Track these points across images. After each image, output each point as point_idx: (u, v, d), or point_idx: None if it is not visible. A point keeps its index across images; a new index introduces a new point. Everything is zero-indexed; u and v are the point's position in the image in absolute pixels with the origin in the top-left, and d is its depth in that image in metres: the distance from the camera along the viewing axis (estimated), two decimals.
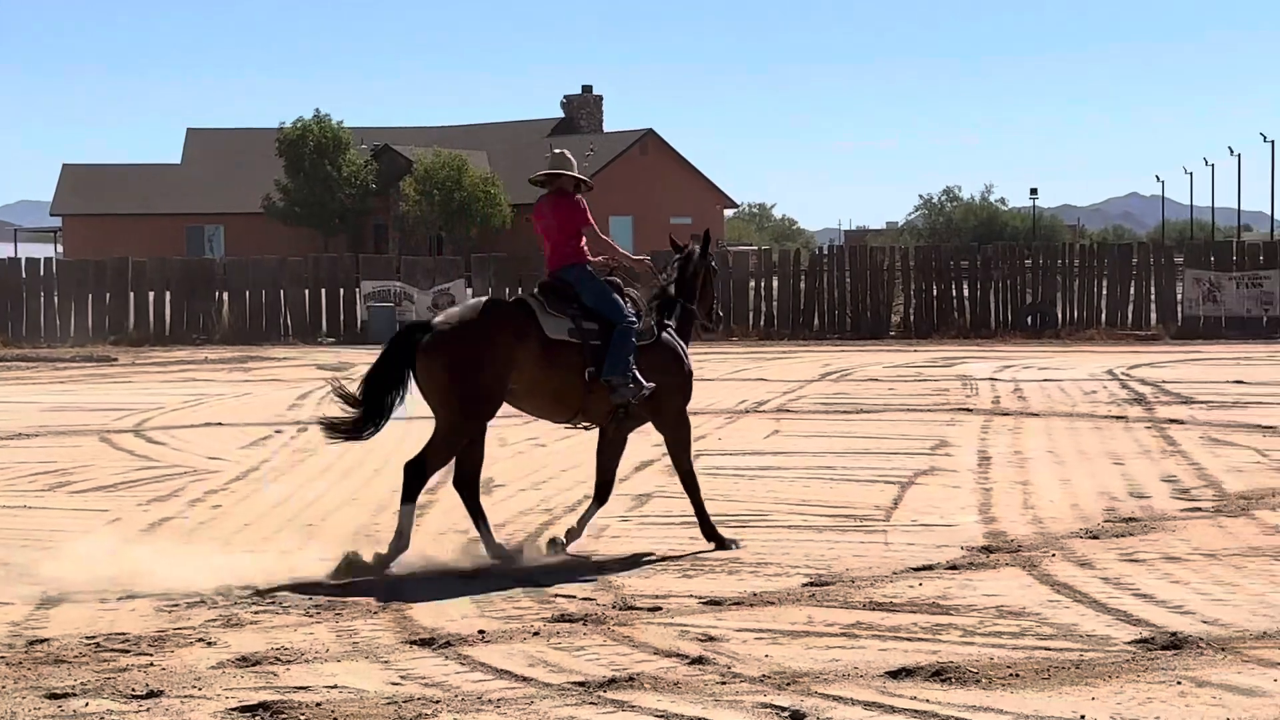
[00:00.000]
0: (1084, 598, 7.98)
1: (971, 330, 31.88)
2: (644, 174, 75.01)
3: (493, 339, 9.23)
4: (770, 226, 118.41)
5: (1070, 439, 14.72)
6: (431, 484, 12.46)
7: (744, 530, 10.20)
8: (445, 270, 34.88)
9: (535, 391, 9.55)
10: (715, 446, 14.68)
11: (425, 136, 77.52)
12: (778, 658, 6.90)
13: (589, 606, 7.99)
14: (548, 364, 9.40)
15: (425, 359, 9.22)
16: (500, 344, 9.23)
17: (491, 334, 9.24)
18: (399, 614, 7.90)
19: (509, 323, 9.35)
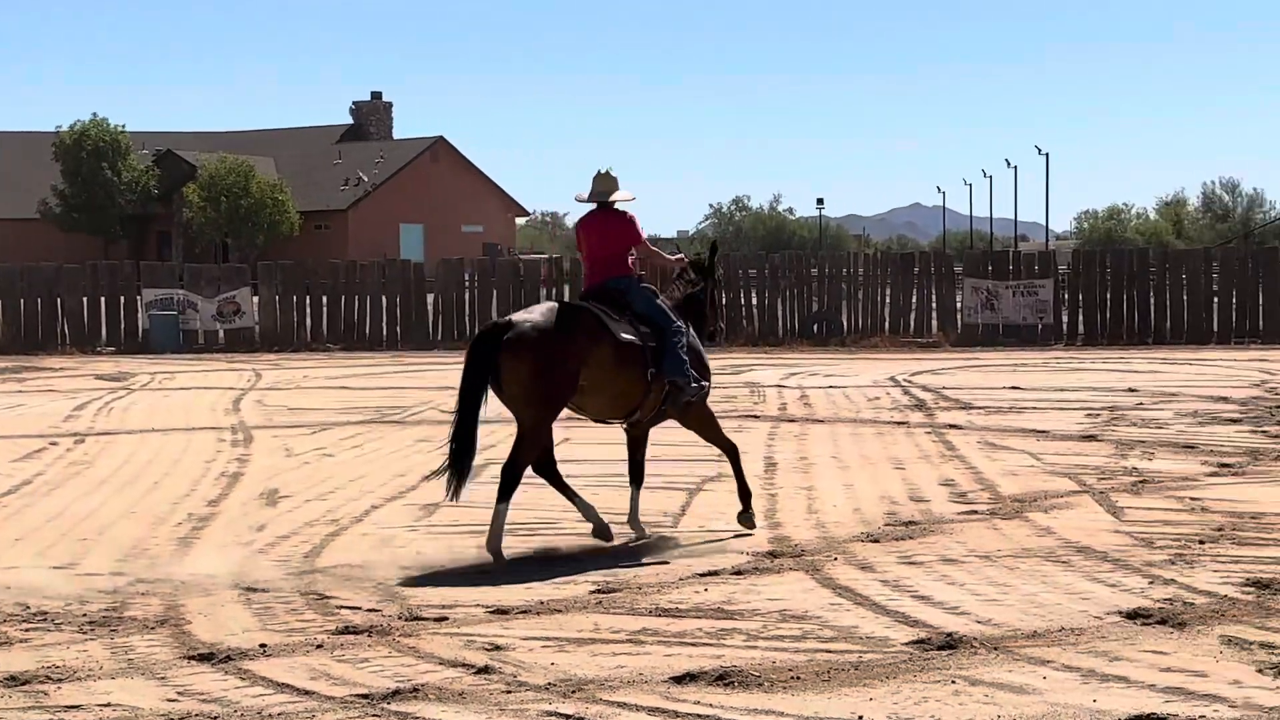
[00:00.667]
0: (864, 600, 8.15)
1: (760, 338, 32.31)
2: (435, 182, 74.66)
3: (575, 338, 9.79)
4: (563, 235, 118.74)
5: (854, 445, 15.03)
6: (213, 495, 12.27)
7: (533, 539, 10.20)
8: (231, 278, 34.26)
9: (602, 389, 10.09)
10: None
11: (210, 142, 76.14)
12: (563, 665, 6.91)
13: (374, 618, 7.91)
14: (618, 364, 10.00)
15: (513, 358, 9.70)
16: (580, 343, 9.80)
17: (574, 333, 9.80)
18: (177, 629, 7.72)
19: (586, 324, 9.93)
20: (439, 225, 72.80)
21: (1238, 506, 10.90)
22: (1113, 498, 11.40)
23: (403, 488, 12.58)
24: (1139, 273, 31.56)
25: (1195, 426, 15.88)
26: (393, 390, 22.55)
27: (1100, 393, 19.83)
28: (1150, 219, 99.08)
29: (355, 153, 76.12)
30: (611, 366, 9.96)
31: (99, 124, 69.35)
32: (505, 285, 33.50)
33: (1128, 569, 8.83)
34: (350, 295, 33.54)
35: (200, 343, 33.09)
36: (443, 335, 33.29)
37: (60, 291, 33.22)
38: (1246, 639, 7.12)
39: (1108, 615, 7.67)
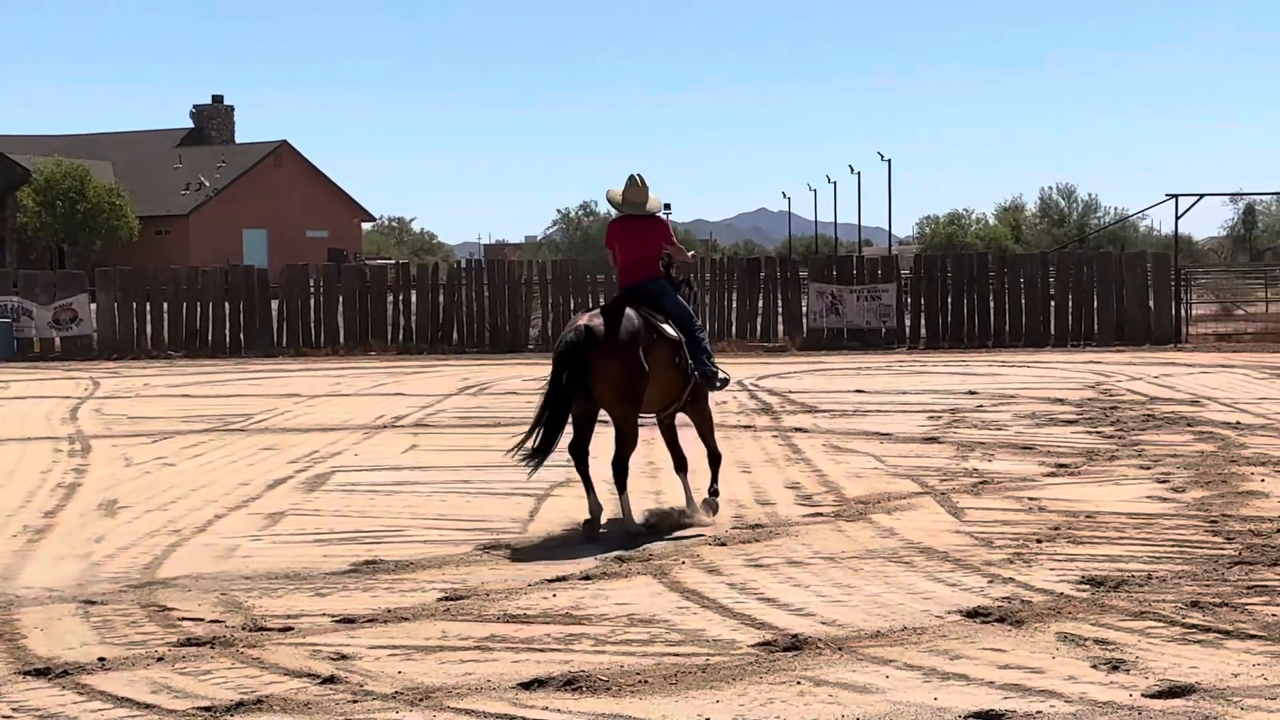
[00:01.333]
0: (711, 603, 8.21)
1: None
2: (278, 186, 73.78)
3: (645, 338, 10.68)
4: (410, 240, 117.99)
5: (701, 449, 15.10)
6: (50, 506, 11.99)
7: (379, 547, 10.12)
8: (67, 284, 33.53)
9: (659, 382, 10.90)
10: (352, 462, 14.53)
11: (45, 145, 74.41)
12: (411, 674, 6.86)
13: (217, 629, 7.79)
14: (670, 360, 10.93)
15: (605, 362, 10.51)
16: (648, 343, 10.72)
17: (646, 333, 10.70)
18: (12, 643, 7.54)
19: (647, 325, 10.78)
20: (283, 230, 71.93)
21: (1074, 506, 11.17)
22: (954, 499, 11.62)
23: (246, 497, 12.41)
24: (979, 277, 32.21)
25: (1033, 428, 16.24)
26: (236, 398, 22.24)
27: (942, 395, 20.19)
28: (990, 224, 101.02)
29: (196, 157, 74.92)
30: (667, 362, 10.90)
31: None
32: (351, 291, 33.19)
33: (968, 569, 9.00)
34: (192, 302, 33.01)
35: (35, 351, 32.34)
36: (287, 342, 32.91)
37: None
38: (1082, 635, 7.30)
39: (949, 614, 7.81)
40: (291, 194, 73.45)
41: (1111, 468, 13.21)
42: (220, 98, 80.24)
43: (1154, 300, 31.67)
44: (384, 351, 32.25)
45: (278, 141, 76.17)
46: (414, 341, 32.88)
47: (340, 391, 23.11)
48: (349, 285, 33.45)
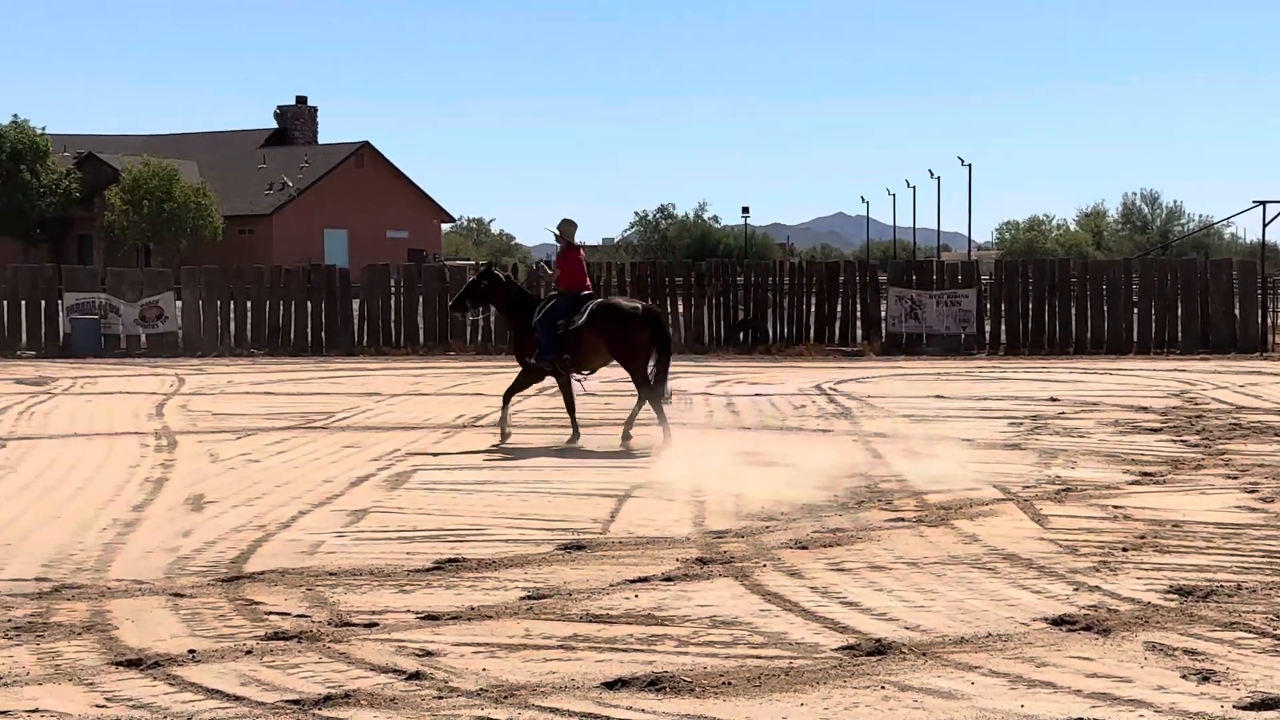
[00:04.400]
0: (794, 606, 8.20)
1: (685, 346, 32.39)
2: (360, 187, 74.32)
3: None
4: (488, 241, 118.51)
5: (781, 452, 15.09)
6: (138, 501, 12.16)
7: (461, 545, 10.18)
8: (153, 282, 33.93)
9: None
10: (433, 461, 14.62)
11: (133, 145, 75.43)
12: (495, 671, 6.91)
13: (304, 624, 7.87)
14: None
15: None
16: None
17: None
18: (104, 635, 7.66)
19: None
20: (364, 230, 72.47)
21: (1160, 514, 11.06)
22: (1037, 505, 11.54)
23: (330, 494, 12.52)
24: (1060, 283, 31.94)
25: (1116, 435, 16.10)
26: (318, 396, 22.43)
27: (1023, 402, 20.05)
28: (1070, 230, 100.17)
29: (280, 157, 75.63)
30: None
31: (19, 126, 68.51)
32: (431, 291, 33.39)
33: (1053, 576, 8.94)
34: (275, 301, 33.32)
35: (122, 347, 32.76)
36: (368, 341, 33.15)
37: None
38: (1171, 645, 7.23)
39: (1034, 622, 7.77)
40: (372, 194, 73.97)
41: (1197, 476, 13.07)
42: (304, 99, 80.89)
43: (1239, 308, 31.29)
44: (463, 351, 32.42)
45: (360, 142, 76.74)
46: (493, 342, 33.00)
47: (420, 391, 23.26)
48: (429, 285, 33.66)
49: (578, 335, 16.27)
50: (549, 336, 16.33)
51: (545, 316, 16.45)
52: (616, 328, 16.18)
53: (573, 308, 16.38)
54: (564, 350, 16.37)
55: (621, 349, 16.25)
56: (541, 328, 16.42)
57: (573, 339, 16.32)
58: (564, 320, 16.32)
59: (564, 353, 16.39)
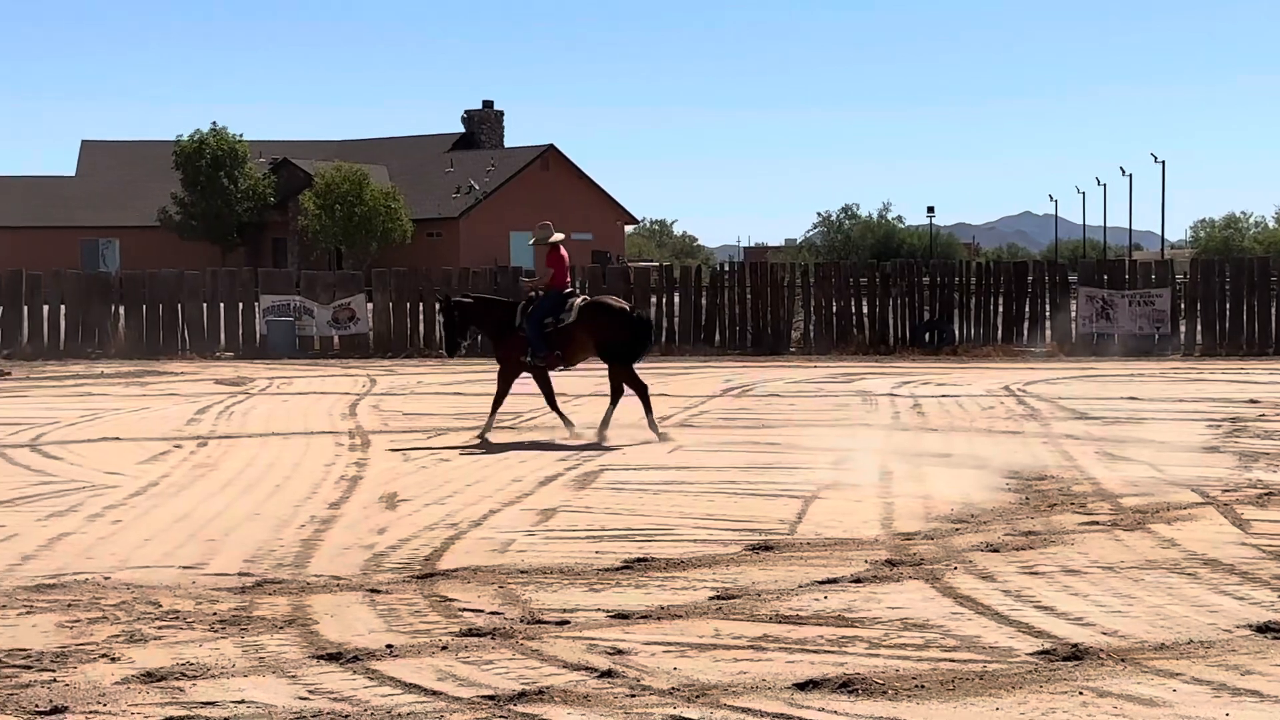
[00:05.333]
0: (986, 610, 8.10)
1: (870, 346, 32.18)
2: (545, 189, 75.08)
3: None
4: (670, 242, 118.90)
5: (970, 453, 14.91)
6: (334, 498, 12.43)
7: (650, 544, 10.24)
8: (345, 285, 34.66)
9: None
10: (619, 461, 14.73)
11: (325, 150, 77.15)
12: (686, 670, 6.94)
13: (496, 620, 7.99)
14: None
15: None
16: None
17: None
18: (305, 629, 7.85)
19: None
20: None
21: None
22: (1238, 510, 11.24)
23: (519, 493, 12.68)
24: (1259, 282, 31.04)
25: None
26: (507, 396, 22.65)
27: (1221, 404, 19.53)
28: (1270, 228, 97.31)
29: (467, 161, 76.76)
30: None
31: (218, 133, 70.50)
32: (615, 292, 33.56)
33: (1256, 582, 8.70)
34: None
35: (316, 348, 33.53)
36: None
37: (181, 298, 33.80)
38: None
39: (1237, 628, 7.57)
40: (557, 197, 74.68)
41: None
42: (490, 103, 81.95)
43: None
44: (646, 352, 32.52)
45: (545, 145, 77.54)
46: (676, 343, 33.13)
47: (603, 392, 23.37)
48: (613, 287, 33.85)
49: (568, 332, 17.00)
50: (538, 335, 16.91)
51: (533, 316, 16.98)
52: (606, 326, 17.03)
53: (558, 305, 17.03)
54: (554, 347, 17.03)
55: (609, 346, 17.04)
56: (530, 327, 16.97)
57: (563, 336, 17.03)
58: (551, 319, 16.94)
59: (555, 349, 17.06)
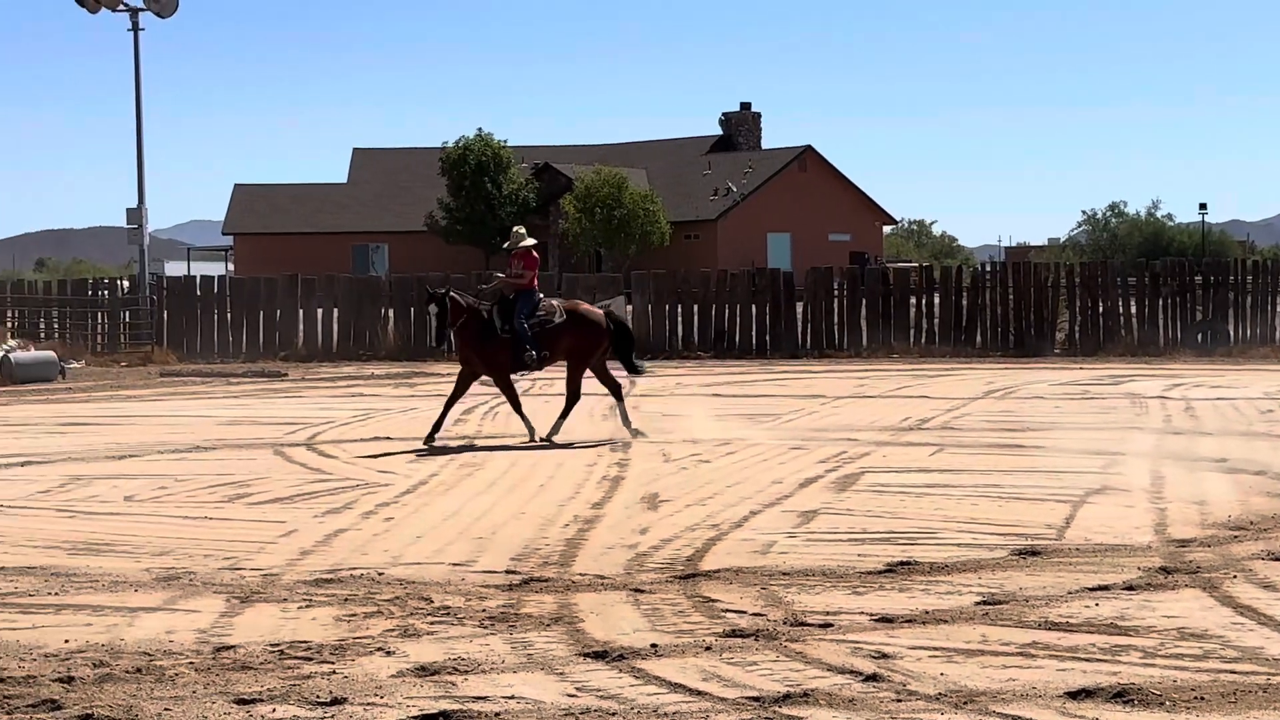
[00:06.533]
0: (1269, 620, 7.80)
1: (1139, 348, 31.30)
2: (802, 191, 74.84)
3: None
4: (929, 243, 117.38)
5: (1246, 459, 14.38)
6: (597, 499, 12.60)
7: (913, 548, 10.12)
8: (605, 287, 35.07)
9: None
10: (880, 463, 14.60)
11: (585, 154, 78.23)
12: (953, 676, 6.84)
13: (760, 622, 7.99)
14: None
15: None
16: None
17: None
18: (571, 627, 7.97)
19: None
20: (806, 234, 72.97)
21: None
22: None
23: (779, 494, 12.66)
24: None
25: None
26: (763, 398, 22.72)
27: None
28: None
29: (724, 163, 77.02)
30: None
31: (483, 140, 72.10)
32: (874, 293, 33.34)
33: None
34: (720, 304, 33.93)
35: None
36: (811, 344, 33.35)
37: None
38: None
39: None
40: (815, 198, 74.42)
41: None
42: (748, 105, 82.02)
43: None
44: (906, 354, 32.22)
45: (802, 146, 77.31)
46: (936, 344, 32.70)
47: (864, 393, 23.26)
48: (872, 288, 33.62)
49: (556, 334, 17.25)
50: (527, 336, 17.06)
51: (518, 318, 17.13)
52: (590, 332, 17.40)
53: (536, 307, 17.31)
54: (540, 348, 17.17)
55: (590, 352, 17.45)
56: (520, 328, 17.08)
57: (549, 338, 17.25)
58: (535, 321, 17.16)
59: (543, 350, 17.20)
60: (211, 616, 8.27)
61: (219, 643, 7.64)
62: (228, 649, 7.49)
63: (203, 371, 30.33)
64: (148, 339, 34.19)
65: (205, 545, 10.55)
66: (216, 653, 7.42)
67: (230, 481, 13.86)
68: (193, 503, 12.68)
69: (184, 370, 30.81)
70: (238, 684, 6.83)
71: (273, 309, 34.33)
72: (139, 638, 7.78)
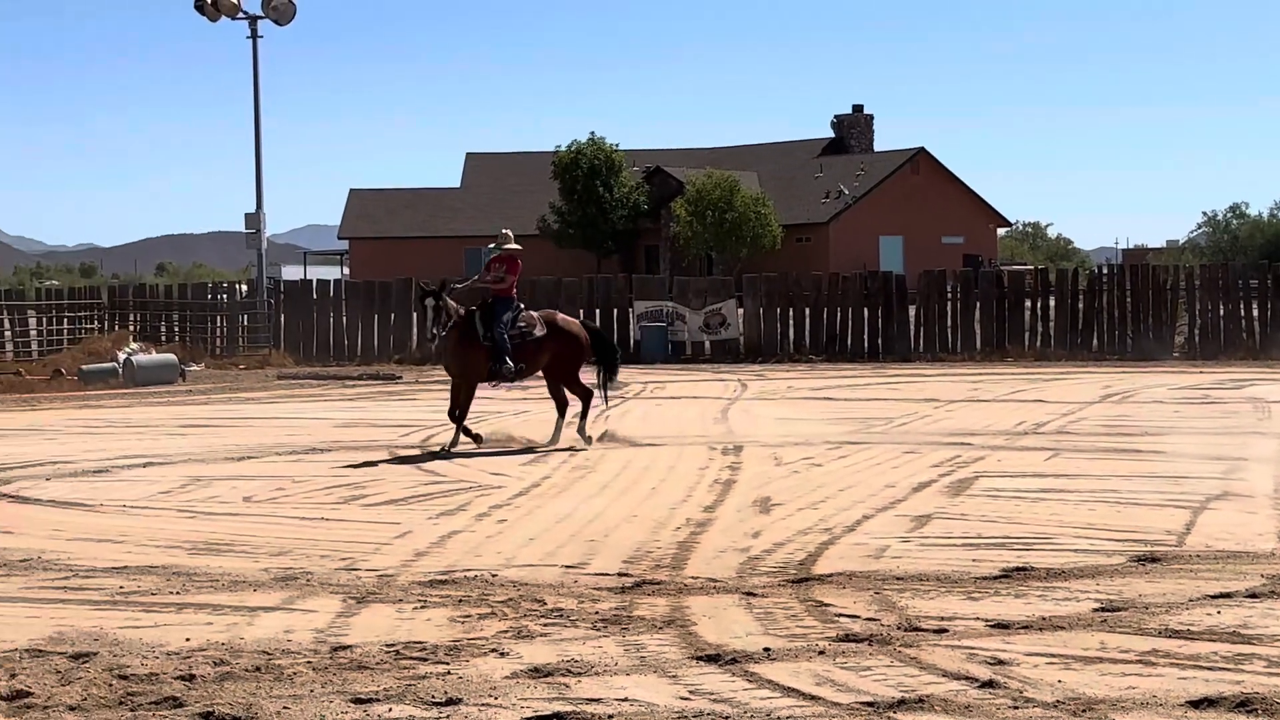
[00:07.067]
0: None
1: (1260, 351, 30.71)
2: (915, 193, 74.29)
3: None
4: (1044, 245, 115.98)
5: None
6: (708, 502, 12.59)
7: (1028, 553, 10.01)
8: (716, 290, 35.07)
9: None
10: (995, 468, 14.45)
11: (695, 158, 78.24)
12: (1071, 684, 6.74)
13: (873, 627, 7.94)
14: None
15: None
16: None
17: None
18: (683, 630, 7.97)
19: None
20: (918, 236, 72.41)
21: None
22: None
23: (892, 499, 12.58)
24: None
25: None
26: (875, 402, 22.58)
27: None
28: None
29: (836, 166, 76.63)
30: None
31: (595, 143, 72.33)
32: (988, 297, 33.01)
33: None
34: (832, 307, 33.79)
35: (687, 353, 34.05)
36: (924, 347, 33.10)
37: (559, 304, 34.76)
38: None
39: None
40: (928, 200, 73.81)
41: None
42: (860, 107, 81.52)
43: None
44: (1020, 358, 31.88)
45: (915, 148, 76.71)
46: (1051, 347, 32.33)
47: (978, 397, 23.04)
48: (986, 291, 33.30)
49: (536, 347, 16.88)
50: (507, 348, 16.62)
51: (498, 327, 16.65)
52: (571, 343, 17.14)
53: (515, 317, 16.87)
54: (518, 360, 16.73)
55: (572, 362, 17.15)
56: (500, 338, 16.62)
57: (529, 351, 16.86)
58: (515, 333, 16.74)
59: (520, 362, 16.76)
60: (328, 616, 8.37)
61: (336, 642, 7.73)
62: (345, 649, 7.58)
63: (319, 374, 30.74)
64: (265, 342, 34.71)
65: (322, 546, 10.69)
66: (334, 652, 7.51)
67: (346, 483, 14.02)
68: (310, 504, 12.85)
69: (300, 373, 31.24)
70: (354, 683, 6.91)
71: (387, 312, 34.70)
72: (258, 637, 7.89)
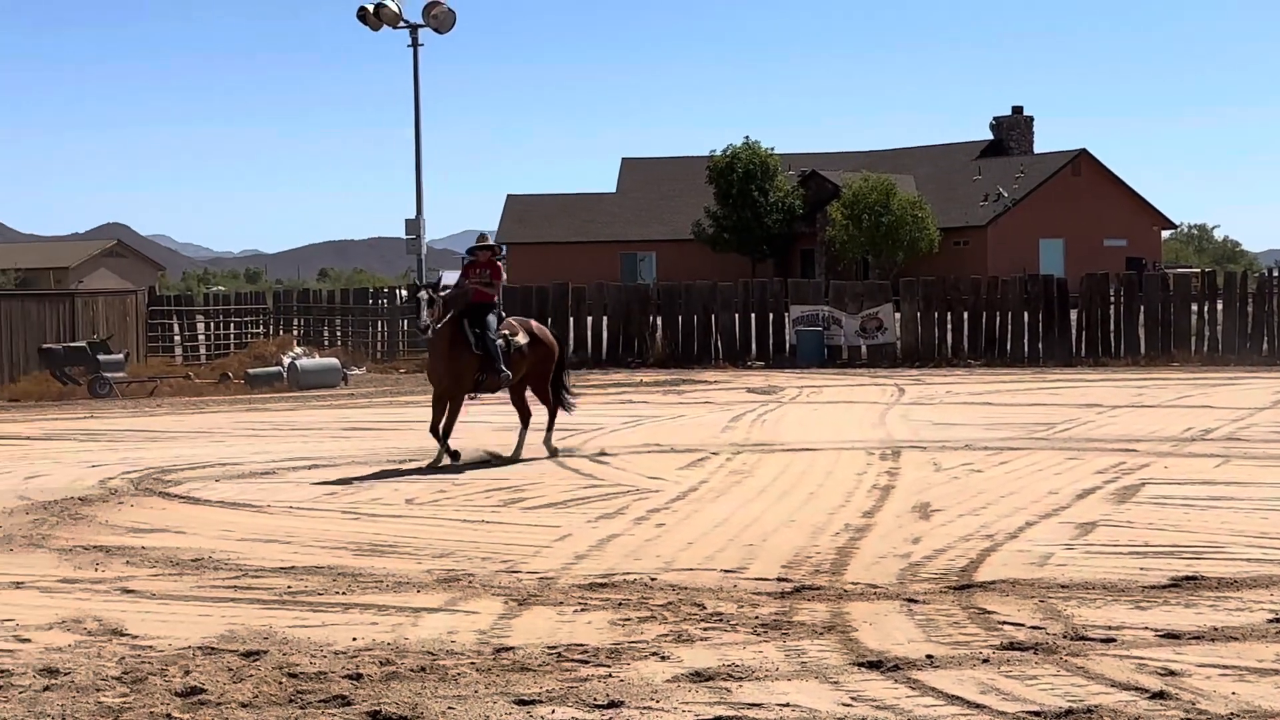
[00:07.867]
0: None
1: None
2: (1076, 195, 73.11)
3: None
4: (1210, 248, 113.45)
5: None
6: (867, 507, 12.50)
7: (1199, 562, 9.77)
8: (873, 294, 34.83)
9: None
10: (1162, 475, 14.15)
11: (852, 161, 77.79)
12: (1246, 696, 6.58)
13: (1039, 635, 7.82)
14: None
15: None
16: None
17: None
18: (844, 635, 7.92)
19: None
20: (1080, 239, 71.23)
21: None
22: None
23: (1055, 505, 12.38)
24: None
25: None
26: (1036, 407, 22.24)
27: None
28: None
29: (994, 168, 75.70)
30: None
31: (751, 147, 72.26)
32: (1153, 300, 32.36)
33: None
34: (991, 311, 33.38)
35: (843, 357, 33.86)
36: (1086, 351, 32.53)
37: (715, 308, 34.86)
38: None
39: None
40: (1089, 202, 72.58)
41: None
42: (1020, 109, 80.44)
43: None
44: (1187, 362, 31.20)
45: (1076, 150, 75.48)
46: (1219, 352, 31.59)
47: (1142, 403, 22.59)
48: (1150, 294, 32.65)
49: (520, 354, 16.51)
50: (499, 356, 16.16)
51: (485, 333, 16.13)
52: (549, 352, 16.94)
53: (499, 323, 16.45)
54: (509, 366, 16.29)
55: (547, 370, 16.90)
56: (493, 346, 16.14)
57: (516, 358, 16.48)
58: (501, 339, 16.32)
59: (509, 369, 16.29)
60: (491, 618, 8.46)
61: (499, 644, 7.81)
62: (507, 650, 7.65)
63: None
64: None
65: (483, 548, 10.81)
66: (496, 653, 7.58)
67: (505, 486, 14.16)
68: (470, 506, 13.00)
69: None
70: (517, 685, 6.97)
71: (544, 317, 34.97)
72: (422, 637, 8.00)
